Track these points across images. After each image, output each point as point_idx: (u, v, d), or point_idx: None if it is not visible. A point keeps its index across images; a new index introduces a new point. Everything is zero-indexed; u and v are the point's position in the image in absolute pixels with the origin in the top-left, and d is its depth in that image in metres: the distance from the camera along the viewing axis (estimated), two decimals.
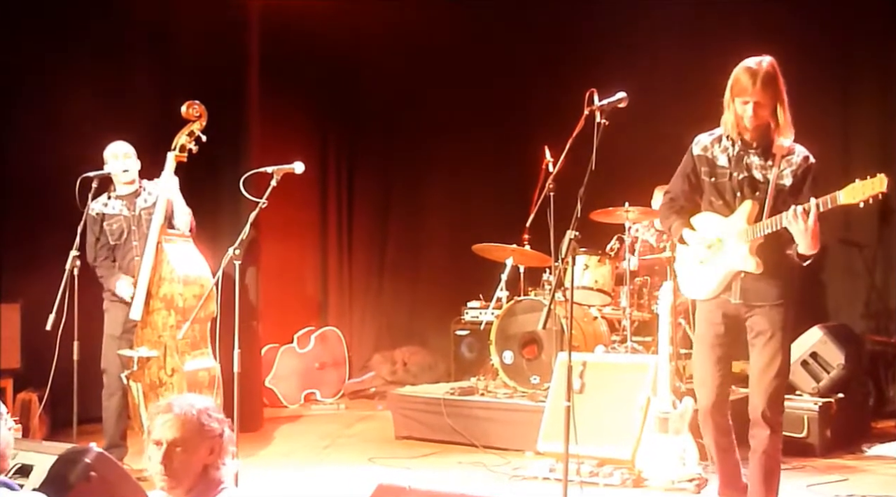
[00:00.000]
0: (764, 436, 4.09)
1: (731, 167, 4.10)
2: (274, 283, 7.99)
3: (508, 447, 6.04)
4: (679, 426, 5.06)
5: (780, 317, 4.06)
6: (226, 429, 2.82)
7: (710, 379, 4.19)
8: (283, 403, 8.25)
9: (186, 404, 2.77)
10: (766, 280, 4.04)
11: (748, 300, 4.09)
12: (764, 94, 3.90)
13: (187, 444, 2.73)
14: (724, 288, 4.12)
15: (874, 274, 7.27)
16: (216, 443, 2.78)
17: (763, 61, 3.94)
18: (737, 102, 3.97)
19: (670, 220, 4.29)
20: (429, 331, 8.90)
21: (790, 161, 4.01)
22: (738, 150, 4.08)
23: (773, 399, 4.07)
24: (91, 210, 5.62)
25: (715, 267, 4.12)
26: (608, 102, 4.14)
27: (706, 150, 4.17)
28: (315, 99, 8.88)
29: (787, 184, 4.00)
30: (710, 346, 4.20)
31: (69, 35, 6.95)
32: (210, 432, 2.76)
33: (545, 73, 8.29)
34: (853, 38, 7.30)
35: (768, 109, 3.94)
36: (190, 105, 5.66)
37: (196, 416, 2.75)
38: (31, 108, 6.85)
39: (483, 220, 8.23)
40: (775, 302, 4.06)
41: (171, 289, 5.52)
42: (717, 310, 4.18)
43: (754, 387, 4.12)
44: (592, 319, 6.70)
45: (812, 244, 3.83)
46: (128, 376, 5.59)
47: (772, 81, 3.91)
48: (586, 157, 4.01)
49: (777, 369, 4.06)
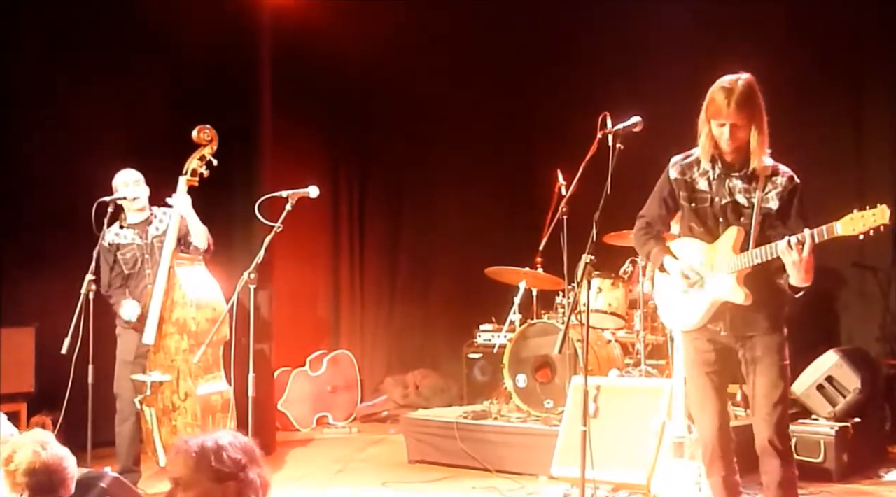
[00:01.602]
0: (775, 466, 3.87)
1: (711, 192, 3.88)
2: (286, 307, 8.00)
3: (522, 472, 6.01)
4: (694, 451, 5.01)
5: (774, 341, 3.87)
6: (249, 473, 2.50)
7: (709, 405, 3.99)
8: (295, 427, 8.23)
9: (198, 441, 2.52)
10: (755, 310, 3.83)
11: (738, 331, 3.89)
12: (740, 116, 3.70)
13: (190, 485, 2.48)
14: (709, 318, 3.91)
15: (889, 297, 7.21)
16: (229, 488, 2.47)
17: (739, 79, 3.74)
18: (713, 124, 3.79)
19: (648, 246, 4.07)
20: (441, 354, 8.88)
21: (775, 182, 3.79)
22: (720, 172, 3.87)
23: (779, 426, 3.86)
24: (104, 240, 5.63)
25: (699, 297, 3.90)
26: (623, 127, 4.12)
27: (684, 173, 3.96)
28: (327, 121, 8.91)
29: (773, 207, 3.79)
30: (703, 373, 3.99)
31: (79, 50, 6.99)
32: (219, 475, 2.46)
33: (557, 95, 8.30)
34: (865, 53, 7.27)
35: (746, 130, 3.72)
36: (201, 129, 5.68)
37: (200, 455, 2.48)
38: (42, 127, 6.86)
39: (496, 242, 8.22)
40: (769, 331, 3.87)
41: (183, 313, 5.53)
42: (704, 337, 3.97)
43: (757, 416, 3.90)
44: (606, 343, 6.67)
45: (805, 277, 3.62)
46: (141, 401, 5.60)
47: (747, 101, 3.70)
48: (599, 179, 4.00)
49: (780, 395, 3.85)
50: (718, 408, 4.00)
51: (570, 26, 8.15)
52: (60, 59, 6.91)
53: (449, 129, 8.88)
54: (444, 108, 8.81)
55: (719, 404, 4.00)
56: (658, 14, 7.64)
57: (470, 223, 8.85)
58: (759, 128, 3.74)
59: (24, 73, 6.85)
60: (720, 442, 4.01)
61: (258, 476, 2.52)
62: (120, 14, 7.06)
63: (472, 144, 8.79)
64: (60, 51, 6.93)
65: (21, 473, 3.04)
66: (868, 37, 7.23)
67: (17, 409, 6.42)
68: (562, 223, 5.92)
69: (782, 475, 3.88)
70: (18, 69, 6.84)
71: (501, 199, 8.69)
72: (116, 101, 6.97)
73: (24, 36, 6.91)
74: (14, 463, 3.05)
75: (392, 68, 8.70)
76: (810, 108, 7.03)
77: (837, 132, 7.27)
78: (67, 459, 3.15)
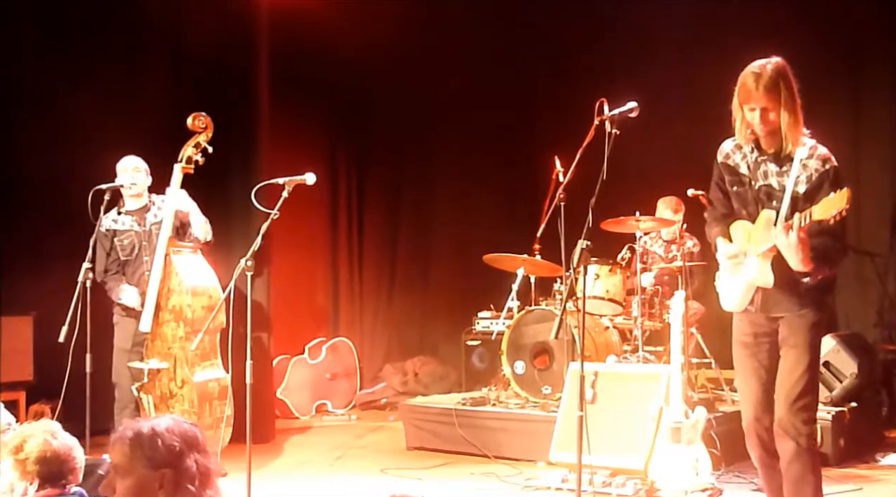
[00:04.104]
0: (788, 448, 3.81)
1: (750, 175, 3.92)
2: (285, 294, 8.00)
3: (520, 457, 6.03)
4: (692, 436, 5.04)
5: (804, 323, 3.84)
6: (186, 461, 2.44)
7: (747, 390, 4.00)
8: (294, 414, 8.26)
9: (136, 427, 2.47)
10: (784, 291, 3.84)
11: (769, 311, 3.92)
12: (769, 99, 3.71)
13: (126, 472, 2.44)
14: (748, 300, 3.94)
15: (886, 283, 7.23)
16: (166, 475, 2.42)
17: (768, 64, 3.74)
18: (744, 109, 3.80)
19: (710, 228, 4.13)
20: (440, 341, 8.91)
21: (807, 165, 3.77)
22: (756, 157, 3.90)
23: (795, 407, 3.80)
24: (101, 226, 5.64)
25: (738, 279, 3.96)
26: (619, 112, 4.13)
27: (728, 157, 3.98)
28: (325, 109, 8.91)
29: (800, 191, 3.77)
30: (742, 357, 4.03)
31: (79, 45, 6.99)
32: (153, 462, 2.42)
33: (555, 82, 8.30)
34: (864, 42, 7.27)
35: (777, 114, 3.73)
36: (196, 117, 5.69)
37: (135, 441, 2.43)
38: (41, 119, 6.87)
39: (494, 229, 8.23)
40: (798, 312, 3.86)
41: (179, 300, 5.54)
42: (745, 320, 4.01)
43: (777, 396, 3.89)
44: (604, 329, 6.69)
45: (799, 260, 3.63)
46: (138, 389, 5.61)
47: (775, 85, 3.70)
48: (596, 166, 4.00)
49: (798, 376, 3.81)
50: (752, 388, 3.98)
51: (567, 14, 8.13)
52: (60, 53, 6.91)
53: (447, 116, 8.88)
54: (441, 96, 8.81)
55: (757, 388, 3.97)
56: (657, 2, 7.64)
57: (468, 210, 8.86)
58: (789, 111, 3.74)
59: (24, 66, 6.84)
60: (752, 423, 3.99)
61: (196, 463, 2.47)
62: (120, 7, 7.05)
63: (470, 132, 8.79)
64: (60, 45, 6.92)
65: (32, 462, 3.04)
66: (867, 31, 7.24)
67: (15, 397, 6.43)
68: (559, 210, 5.92)
69: (792, 456, 3.82)
70: (19, 63, 6.82)
71: (499, 186, 8.70)
72: (116, 92, 6.98)
73: (24, 32, 6.90)
74: (25, 452, 3.06)
75: (390, 57, 8.68)
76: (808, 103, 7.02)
77: (836, 129, 7.25)
78: (76, 449, 3.17)
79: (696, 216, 6.88)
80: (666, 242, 7.16)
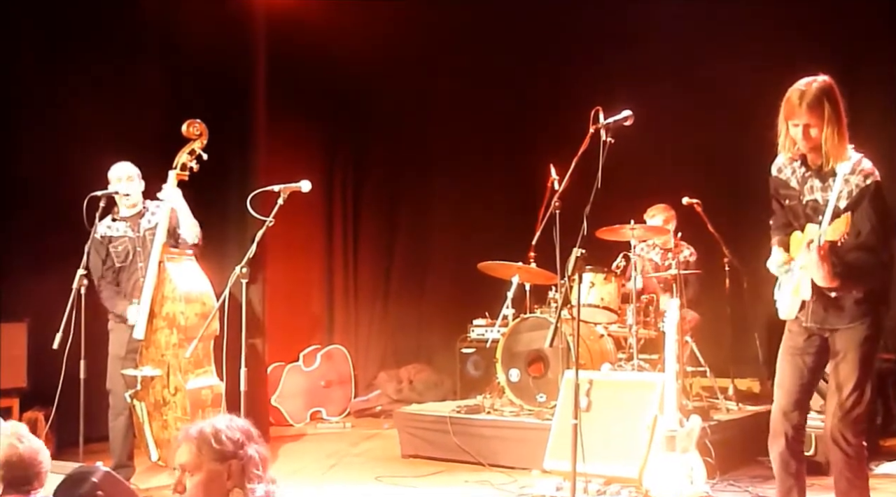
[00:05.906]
0: (838, 458, 3.96)
1: (799, 189, 3.99)
2: (280, 301, 8.00)
3: (515, 465, 6.02)
4: (686, 444, 5.04)
5: (856, 334, 3.91)
6: (248, 450, 2.68)
7: (786, 382, 4.07)
8: (288, 422, 8.24)
9: (196, 427, 2.69)
10: (829, 305, 3.92)
11: (821, 324, 3.98)
12: (812, 116, 3.79)
13: (196, 468, 2.65)
14: (797, 309, 4.01)
15: None
16: (233, 465, 2.65)
17: (814, 82, 3.82)
18: (789, 124, 3.89)
19: (773, 237, 4.18)
20: (435, 349, 8.90)
21: (849, 181, 3.82)
22: (804, 172, 3.97)
23: (846, 420, 3.92)
24: (96, 233, 5.63)
25: (788, 290, 4.03)
26: (614, 120, 4.17)
27: (780, 171, 4.06)
28: (322, 115, 8.91)
29: (841, 206, 3.81)
30: (789, 354, 4.09)
31: (77, 48, 6.99)
32: (221, 455, 2.64)
33: (551, 91, 8.32)
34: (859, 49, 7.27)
35: (819, 130, 3.81)
36: (191, 124, 5.69)
37: (201, 439, 2.65)
38: (37, 125, 6.87)
39: (489, 237, 8.23)
40: (848, 325, 3.92)
41: (173, 307, 5.53)
42: (798, 325, 4.07)
43: (827, 407, 4.01)
44: (599, 337, 6.69)
45: (821, 277, 3.73)
46: (132, 396, 5.59)
47: (819, 103, 3.78)
48: (592, 174, 4.02)
49: (850, 390, 3.90)
50: (791, 383, 4.06)
51: (563, 22, 8.16)
52: (57, 57, 6.91)
53: (443, 124, 8.89)
54: (437, 104, 8.83)
55: (797, 385, 4.05)
56: (653, 10, 7.66)
57: (463, 218, 8.87)
58: (833, 128, 3.81)
59: (21, 70, 6.84)
60: (780, 418, 4.07)
61: (257, 452, 2.71)
62: (117, 12, 7.05)
63: (466, 140, 8.80)
64: (57, 49, 6.93)
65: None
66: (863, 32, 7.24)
67: (9, 404, 6.43)
68: (555, 218, 5.92)
69: (843, 466, 3.96)
70: (16, 67, 6.82)
71: (495, 194, 8.71)
72: (112, 98, 6.97)
73: (22, 35, 6.90)
74: None
75: (386, 64, 8.69)
76: None
77: None
78: (42, 452, 3.13)
79: (690, 224, 6.91)
80: (663, 250, 7.16)
